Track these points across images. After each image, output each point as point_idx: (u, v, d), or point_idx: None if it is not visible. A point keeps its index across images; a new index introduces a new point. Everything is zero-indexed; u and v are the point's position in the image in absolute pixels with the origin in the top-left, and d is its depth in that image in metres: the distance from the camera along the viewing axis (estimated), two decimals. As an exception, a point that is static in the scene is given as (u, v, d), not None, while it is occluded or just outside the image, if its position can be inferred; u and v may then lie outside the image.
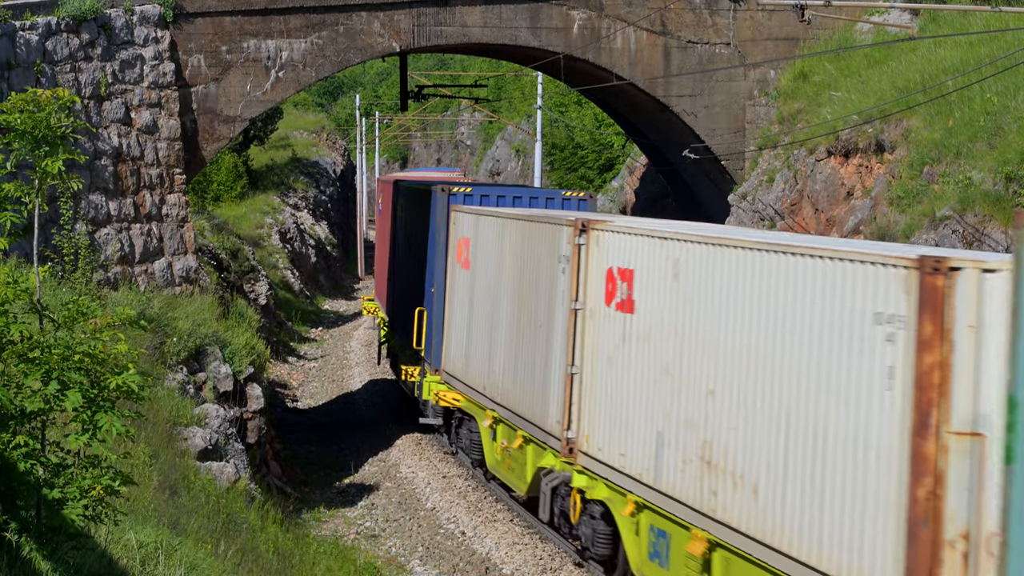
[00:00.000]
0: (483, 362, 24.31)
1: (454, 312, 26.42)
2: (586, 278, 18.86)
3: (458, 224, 26.15)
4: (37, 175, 10.09)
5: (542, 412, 20.48)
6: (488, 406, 23.79)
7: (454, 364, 26.38)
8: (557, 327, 19.94)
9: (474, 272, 25.08)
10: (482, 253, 24.58)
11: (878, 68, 28.38)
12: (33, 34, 24.26)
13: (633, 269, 17.28)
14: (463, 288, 25.81)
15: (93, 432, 9.48)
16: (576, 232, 19.12)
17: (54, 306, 11.65)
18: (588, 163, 66.28)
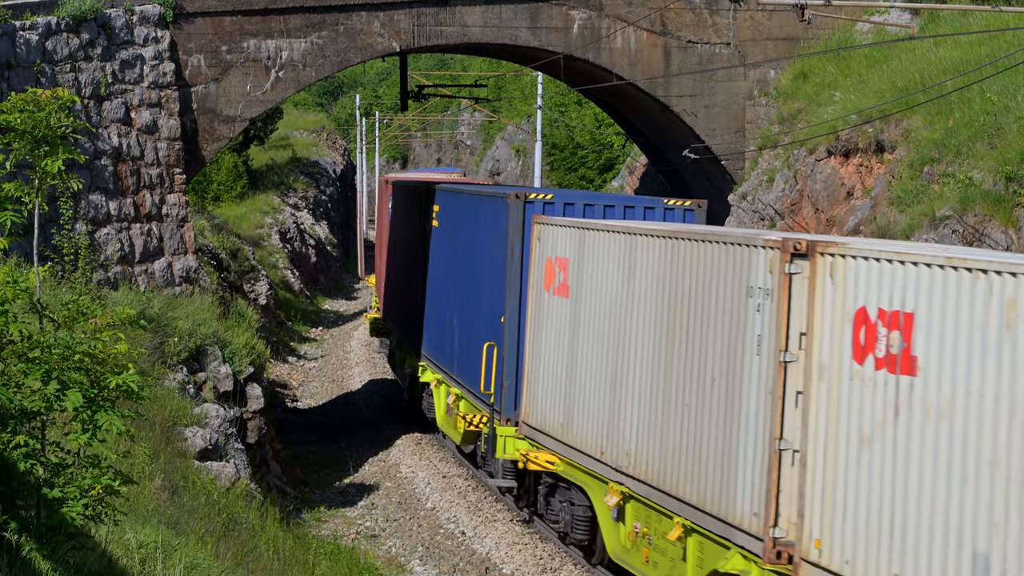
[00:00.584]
0: (599, 418, 18.95)
1: (543, 350, 20.85)
2: (809, 321, 14.07)
3: (546, 240, 21.03)
4: (37, 175, 10.09)
5: (722, 497, 15.48)
6: (611, 477, 18.50)
7: (543, 416, 20.89)
8: (749, 384, 15.10)
9: (577, 302, 19.82)
10: (592, 278, 19.32)
11: (878, 68, 28.38)
12: (33, 34, 24.25)
13: (912, 312, 12.58)
14: (558, 321, 20.38)
15: (93, 432, 9.48)
16: (785, 257, 14.32)
17: (54, 306, 11.65)
18: (588, 163, 66.28)
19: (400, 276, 36.16)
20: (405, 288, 34.70)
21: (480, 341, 23.64)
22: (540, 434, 20.90)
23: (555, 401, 20.42)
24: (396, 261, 37.66)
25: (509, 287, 22.30)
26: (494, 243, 23.18)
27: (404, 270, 35.27)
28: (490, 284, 23.60)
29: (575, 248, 19.94)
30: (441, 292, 28.42)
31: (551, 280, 20.69)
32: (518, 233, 22.22)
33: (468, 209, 26.01)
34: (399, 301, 35.94)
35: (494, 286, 23.22)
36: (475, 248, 24.96)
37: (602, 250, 19.03)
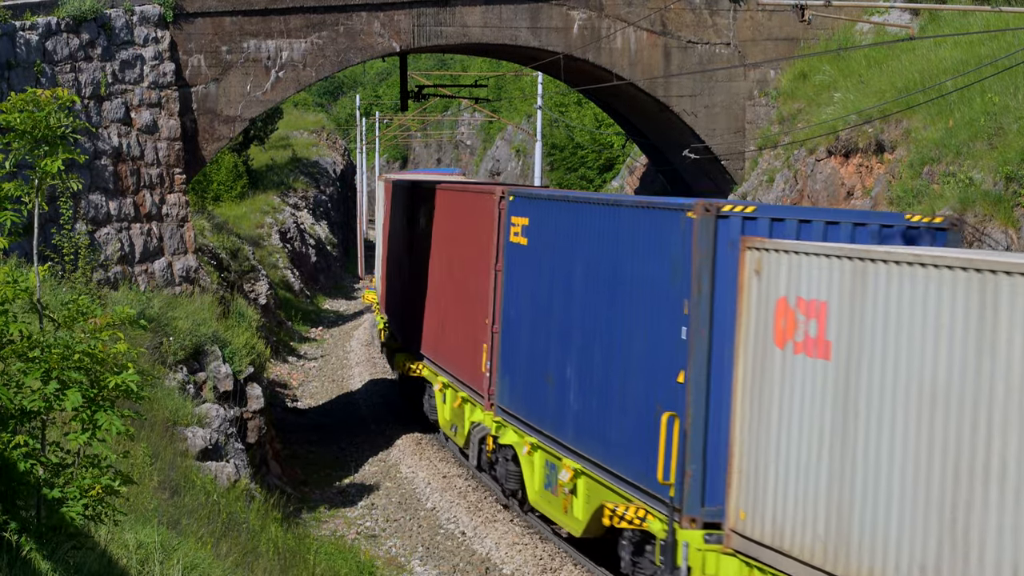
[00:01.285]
0: (920, 544, 12.53)
1: (777, 431, 14.86)
2: None
3: (774, 273, 14.98)
4: (37, 175, 10.09)
5: None
6: None
7: (780, 527, 14.63)
8: None
9: (850, 367, 13.69)
10: (888, 337, 13.17)
11: (878, 68, 28.38)
12: (33, 34, 24.25)
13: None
14: (808, 392, 14.40)
15: (93, 432, 9.48)
16: None
17: (54, 306, 11.65)
18: (588, 163, 66.29)
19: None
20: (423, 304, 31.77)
21: (626, 403, 18.04)
22: (775, 554, 14.78)
23: (806, 508, 14.30)
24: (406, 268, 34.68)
25: (694, 336, 16.20)
26: (657, 272, 17.17)
27: (411, 278, 33.16)
28: (648, 328, 17.45)
29: (843, 288, 13.87)
30: (528, 328, 22.28)
31: (789, 332, 14.74)
32: (707, 260, 16.10)
33: (593, 223, 19.61)
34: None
35: (658, 332, 17.09)
36: (612, 277, 18.68)
37: (909, 294, 12.99)
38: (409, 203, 34.53)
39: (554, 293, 21.24)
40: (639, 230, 18.03)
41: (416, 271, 32.82)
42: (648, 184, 42.10)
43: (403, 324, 34.01)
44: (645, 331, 17.54)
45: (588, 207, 20.30)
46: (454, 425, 27.46)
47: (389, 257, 39.38)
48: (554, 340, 21.04)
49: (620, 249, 18.54)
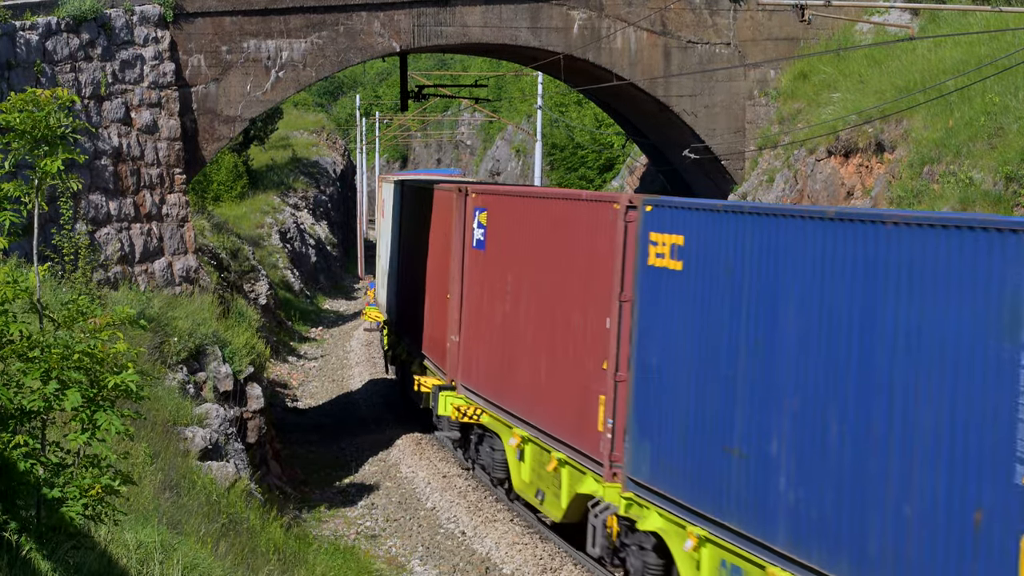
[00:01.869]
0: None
1: None
2: None
3: None
4: (37, 175, 10.09)
5: None
6: None
7: None
8: None
9: None
10: None
11: (878, 68, 28.38)
12: (33, 34, 24.26)
13: None
14: None
15: (92, 432, 9.48)
16: None
17: (54, 306, 11.66)
18: (588, 163, 66.32)
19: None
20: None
21: (907, 505, 12.65)
22: None
23: None
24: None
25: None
26: (970, 321, 12.03)
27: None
28: (952, 400, 12.18)
29: None
30: (687, 380, 16.77)
31: None
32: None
33: (816, 246, 14.23)
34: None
35: (975, 406, 11.93)
36: (863, 324, 13.46)
37: None
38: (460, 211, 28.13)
39: (739, 337, 15.71)
40: (928, 259, 12.52)
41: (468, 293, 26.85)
42: (648, 184, 42.11)
43: (441, 356, 27.95)
44: (944, 403, 12.24)
45: (803, 223, 14.48)
46: (540, 491, 22.10)
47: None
48: (741, 400, 15.60)
49: (879, 285, 13.20)
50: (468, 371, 25.03)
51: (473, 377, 24.82)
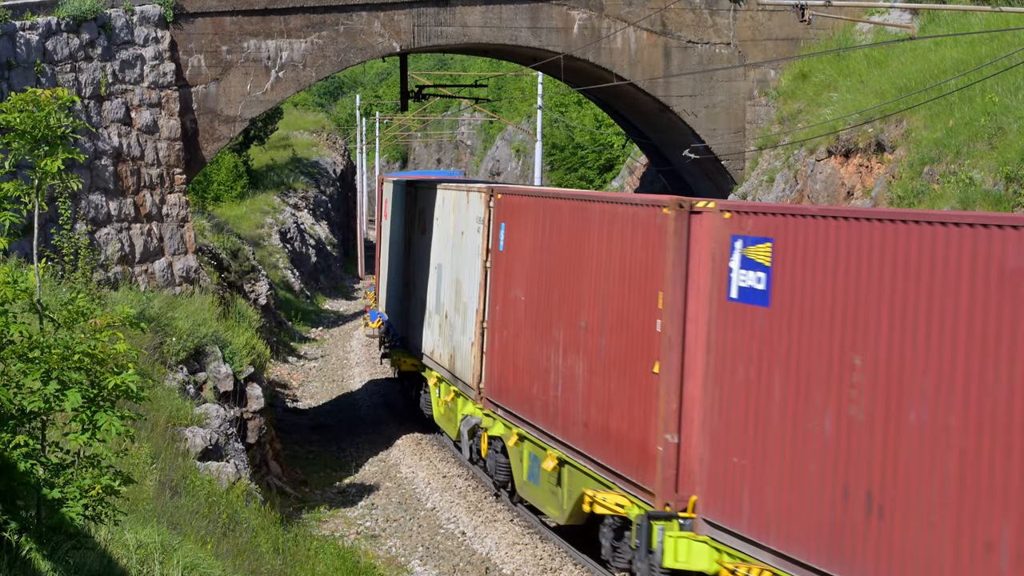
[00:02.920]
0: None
1: None
2: None
3: None
4: (37, 175, 10.09)
5: None
6: None
7: None
8: None
9: None
10: None
11: (878, 68, 28.38)
12: (33, 34, 24.26)
13: None
14: None
15: (93, 432, 9.47)
16: None
17: (54, 306, 11.65)
18: (588, 163, 66.32)
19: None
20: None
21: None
22: None
23: None
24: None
25: None
26: None
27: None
28: None
29: None
30: None
31: None
32: None
33: None
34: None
35: None
36: None
37: None
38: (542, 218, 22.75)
39: None
40: None
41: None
42: (648, 184, 42.12)
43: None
44: None
45: None
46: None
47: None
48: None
49: None
50: (512, 396, 22.96)
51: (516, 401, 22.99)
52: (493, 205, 23.83)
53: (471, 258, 25.21)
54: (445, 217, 28.11)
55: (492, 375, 23.40)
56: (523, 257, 21.86)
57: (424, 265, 30.16)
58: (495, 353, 23.28)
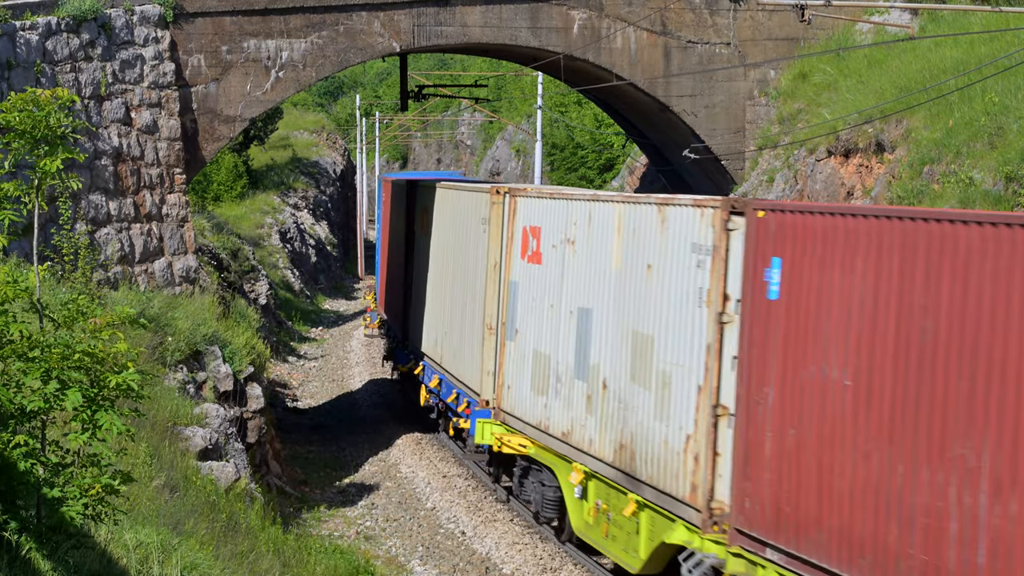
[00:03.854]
0: None
1: None
2: None
3: None
4: (37, 175, 10.09)
5: None
6: None
7: None
8: None
9: None
10: None
11: (878, 68, 28.37)
12: (33, 34, 24.25)
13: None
14: None
15: (93, 431, 9.47)
16: None
17: (54, 306, 11.66)
18: (588, 163, 66.33)
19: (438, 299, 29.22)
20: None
21: None
22: None
23: None
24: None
25: None
26: None
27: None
28: None
29: None
30: None
31: None
32: None
33: None
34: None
35: None
36: None
37: None
38: None
39: None
40: None
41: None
42: (648, 184, 42.11)
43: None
44: None
45: None
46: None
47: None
48: None
49: None
50: None
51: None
52: (751, 229, 15.42)
53: (682, 307, 16.91)
54: (602, 242, 19.40)
55: (754, 493, 15.07)
56: (838, 315, 13.82)
57: (541, 309, 21.64)
58: (760, 460, 14.93)
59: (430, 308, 29.98)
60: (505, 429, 22.65)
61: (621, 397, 18.36)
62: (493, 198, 23.27)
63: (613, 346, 18.82)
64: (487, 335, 23.19)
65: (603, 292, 19.24)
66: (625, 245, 18.53)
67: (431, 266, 30.32)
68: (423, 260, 31.89)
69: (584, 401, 19.72)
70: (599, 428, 19.14)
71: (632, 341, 18.16)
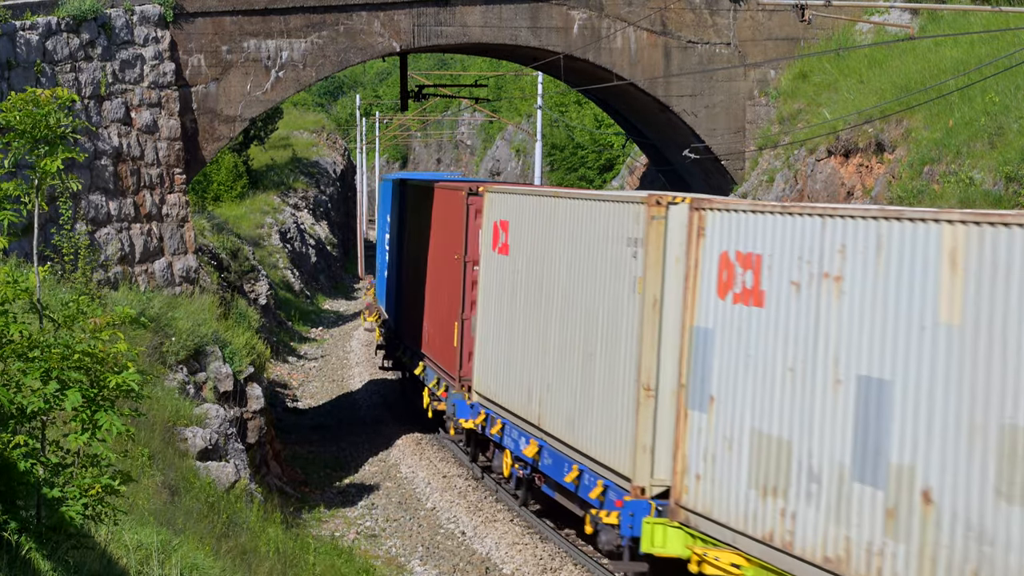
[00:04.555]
0: None
1: None
2: None
3: None
4: (37, 175, 10.08)
5: None
6: None
7: None
8: None
9: None
10: None
11: (878, 68, 28.37)
12: (33, 34, 24.25)
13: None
14: None
15: (93, 432, 9.46)
16: None
17: (54, 306, 11.65)
18: (588, 163, 66.31)
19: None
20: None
21: None
22: None
23: None
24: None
25: None
26: None
27: None
28: None
29: None
30: None
31: None
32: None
33: None
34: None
35: None
36: None
37: None
38: None
39: None
40: None
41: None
42: (648, 184, 42.11)
43: None
44: None
45: None
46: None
47: None
48: None
49: None
50: None
51: None
52: None
53: None
54: (911, 282, 13.24)
55: None
56: None
57: (769, 371, 15.46)
58: None
59: (496, 337, 24.20)
60: (695, 537, 16.51)
61: (972, 523, 12.17)
62: (652, 211, 17.56)
63: (949, 441, 12.57)
64: (643, 399, 17.59)
65: (919, 357, 13.03)
66: (970, 288, 12.42)
67: (495, 287, 24.29)
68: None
69: (880, 518, 13.34)
70: (919, 562, 12.74)
71: (1002, 439, 12.00)
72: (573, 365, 20.08)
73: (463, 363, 25.83)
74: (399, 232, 36.72)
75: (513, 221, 23.13)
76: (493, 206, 24.23)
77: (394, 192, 39.10)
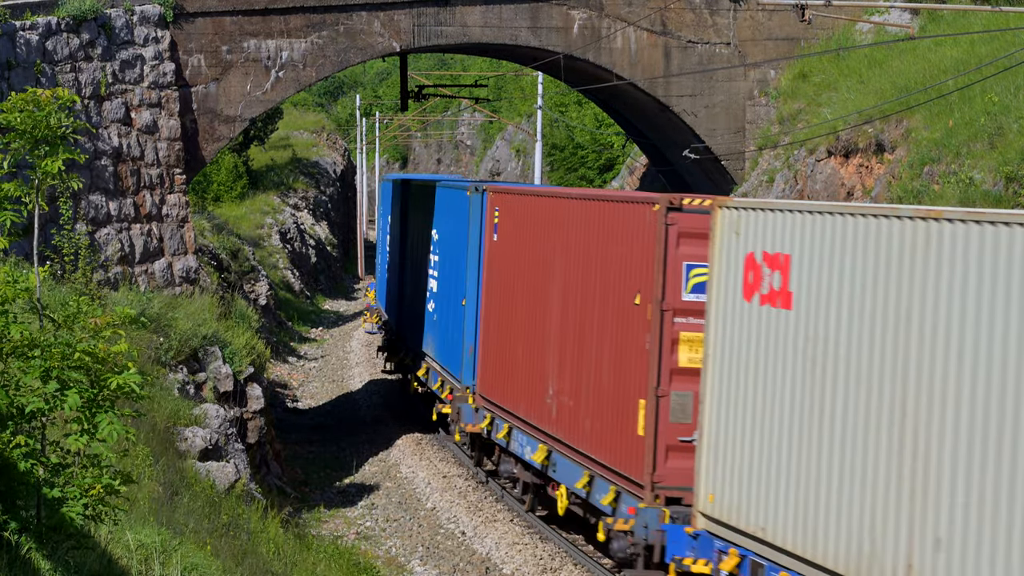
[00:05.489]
0: None
1: None
2: None
3: None
4: (37, 175, 10.08)
5: None
6: None
7: None
8: None
9: None
10: None
11: (878, 68, 28.37)
12: (33, 34, 24.25)
13: None
14: None
15: (93, 433, 9.46)
16: None
17: (54, 306, 11.65)
18: (588, 163, 66.30)
19: None
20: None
21: None
22: None
23: None
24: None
25: None
26: None
27: None
28: None
29: None
30: None
31: None
32: None
33: None
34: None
35: None
36: None
37: None
38: None
39: None
40: None
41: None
42: (648, 184, 42.12)
43: None
44: None
45: None
46: None
47: None
48: None
49: None
50: None
51: None
52: None
53: None
54: None
55: None
56: None
57: None
58: None
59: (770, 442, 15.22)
60: None
61: None
62: None
63: None
64: None
65: None
66: None
67: (751, 355, 14.96)
68: None
69: None
70: None
71: None
72: None
73: (656, 461, 17.64)
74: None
75: (800, 256, 13.90)
76: (749, 230, 14.76)
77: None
